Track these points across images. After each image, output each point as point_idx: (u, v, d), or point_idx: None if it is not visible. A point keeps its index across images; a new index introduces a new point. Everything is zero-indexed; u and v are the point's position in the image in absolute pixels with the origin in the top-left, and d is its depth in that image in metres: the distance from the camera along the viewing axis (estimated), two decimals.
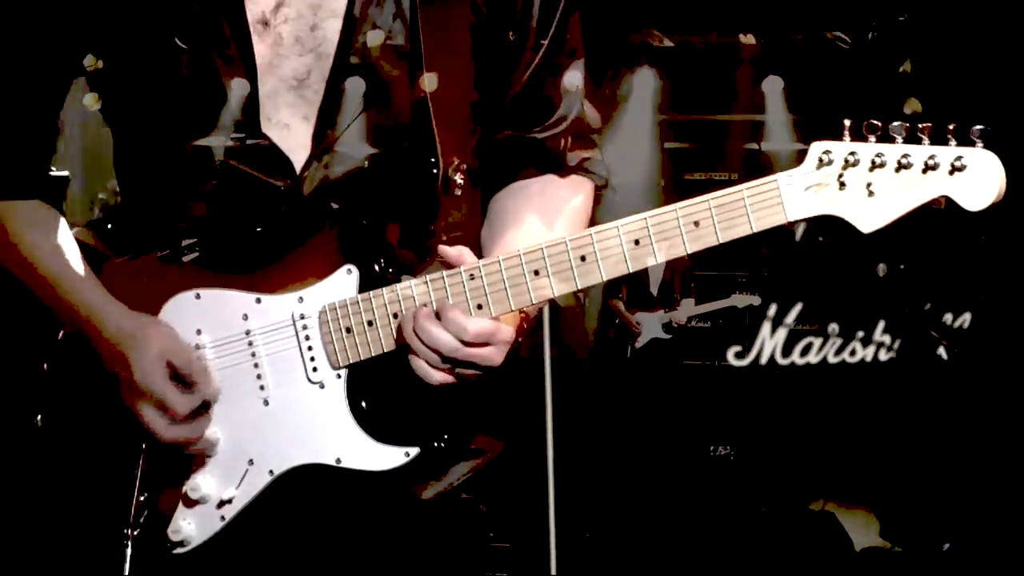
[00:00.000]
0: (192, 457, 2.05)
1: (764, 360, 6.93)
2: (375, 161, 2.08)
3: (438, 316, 1.93)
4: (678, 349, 8.80)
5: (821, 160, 1.83)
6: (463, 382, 1.97)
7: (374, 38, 2.07)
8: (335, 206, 2.05)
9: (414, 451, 1.98)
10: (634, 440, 8.23)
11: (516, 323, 2.01)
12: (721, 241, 1.88)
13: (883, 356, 6.94)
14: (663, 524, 6.92)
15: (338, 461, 2.00)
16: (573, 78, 2.21)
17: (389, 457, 1.99)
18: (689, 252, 1.89)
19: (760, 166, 9.81)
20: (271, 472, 2.03)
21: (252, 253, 2.05)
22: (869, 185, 1.82)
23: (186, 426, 2.01)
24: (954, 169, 1.78)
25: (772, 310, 7.01)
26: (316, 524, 2.08)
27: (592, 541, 6.68)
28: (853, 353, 6.97)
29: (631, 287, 8.99)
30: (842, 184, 1.82)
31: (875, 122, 1.82)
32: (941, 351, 6.67)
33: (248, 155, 2.07)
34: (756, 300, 8.35)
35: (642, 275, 9.04)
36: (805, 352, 6.98)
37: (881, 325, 6.96)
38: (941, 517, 6.67)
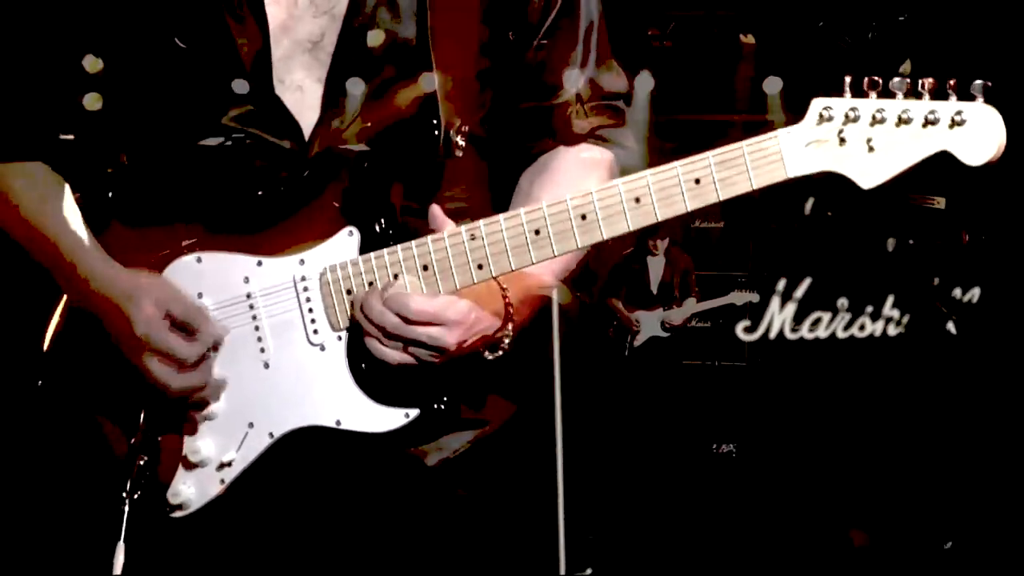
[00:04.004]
0: (192, 420, 2.04)
1: (773, 335, 6.90)
2: (380, 123, 2.07)
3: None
4: (677, 348, 8.81)
5: (822, 116, 1.82)
6: (428, 364, 1.96)
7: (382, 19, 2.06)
8: (343, 176, 2.04)
9: (414, 412, 1.97)
10: (630, 436, 8.23)
11: (498, 309, 2.01)
12: (722, 199, 1.87)
13: (892, 331, 6.93)
14: (664, 521, 6.92)
15: (338, 423, 1.99)
16: (586, 46, 2.20)
17: (389, 418, 1.98)
18: (690, 209, 1.88)
19: None
20: (271, 435, 2.02)
21: (255, 215, 2.04)
22: (869, 141, 1.81)
23: (195, 374, 2.00)
24: (954, 123, 1.77)
25: (781, 284, 6.97)
26: (316, 487, 2.07)
27: (594, 541, 6.66)
28: (862, 328, 6.95)
29: (631, 286, 9.01)
30: (842, 140, 1.82)
31: (876, 78, 1.81)
32: (950, 326, 6.68)
33: (258, 118, 2.06)
34: (755, 297, 8.35)
35: (643, 274, 9.05)
36: (814, 327, 6.95)
37: (890, 300, 6.95)
38: (944, 511, 6.66)
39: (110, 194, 2.17)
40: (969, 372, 7.25)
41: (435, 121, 2.07)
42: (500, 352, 2.04)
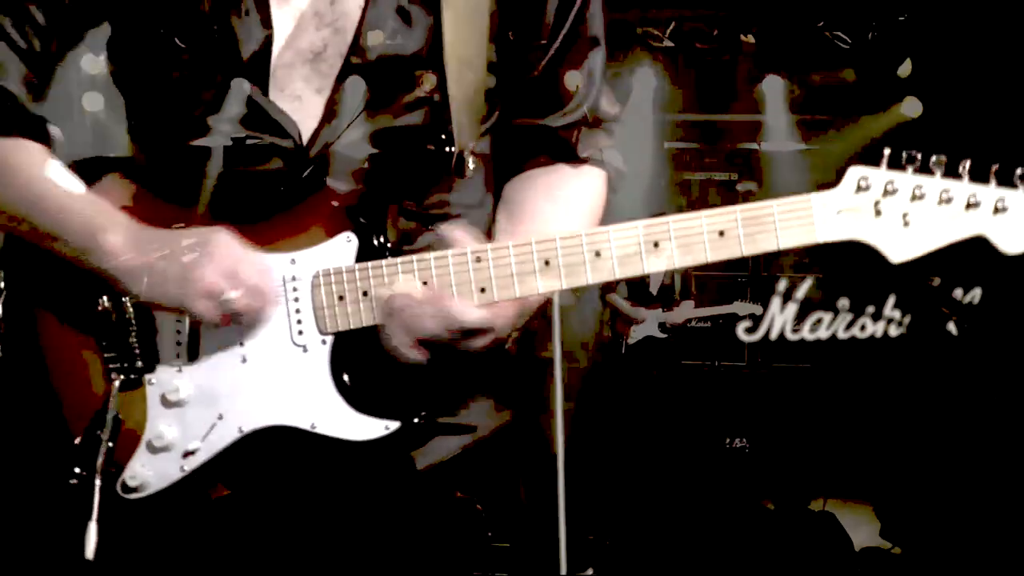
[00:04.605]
0: (160, 404, 2.02)
1: (774, 335, 6.90)
2: (386, 138, 2.06)
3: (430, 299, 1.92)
4: (677, 348, 8.79)
5: (859, 186, 1.83)
6: (433, 355, 1.96)
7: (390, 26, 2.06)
8: (342, 185, 2.03)
9: (394, 425, 1.96)
10: (628, 436, 8.23)
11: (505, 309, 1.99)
12: (744, 254, 1.87)
13: (893, 332, 6.93)
14: (664, 521, 6.92)
15: (312, 427, 1.97)
16: (591, 68, 2.21)
17: (367, 428, 1.96)
18: (710, 260, 1.88)
19: (759, 166, 9.87)
20: (240, 429, 1.99)
21: (246, 211, 2.02)
22: (905, 215, 1.82)
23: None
24: (996, 210, 1.79)
25: (782, 285, 6.97)
26: (280, 486, 2.06)
27: (594, 541, 6.66)
28: (863, 328, 6.95)
29: (631, 284, 8.98)
30: (878, 211, 1.83)
31: (914, 153, 1.82)
32: (951, 327, 6.69)
33: (254, 120, 2.05)
34: (758, 309, 8.34)
35: (643, 275, 9.02)
36: (815, 327, 6.95)
37: (891, 300, 6.95)
38: (944, 511, 6.65)
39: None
40: (970, 372, 7.25)
41: (444, 136, 2.06)
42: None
